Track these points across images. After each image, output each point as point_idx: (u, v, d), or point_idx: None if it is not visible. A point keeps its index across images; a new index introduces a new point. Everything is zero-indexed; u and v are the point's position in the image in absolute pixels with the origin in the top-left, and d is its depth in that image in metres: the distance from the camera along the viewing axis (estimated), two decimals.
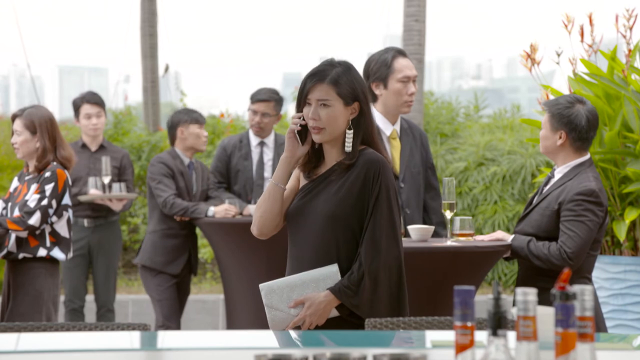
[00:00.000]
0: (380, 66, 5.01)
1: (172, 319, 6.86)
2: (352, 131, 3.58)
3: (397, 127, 5.13)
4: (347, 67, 3.61)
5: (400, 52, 5.08)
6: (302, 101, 3.61)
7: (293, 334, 3.35)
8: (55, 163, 5.60)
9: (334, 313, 3.58)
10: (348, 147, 3.58)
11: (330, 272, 3.54)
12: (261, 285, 3.61)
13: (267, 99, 7.04)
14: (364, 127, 3.60)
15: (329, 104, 3.56)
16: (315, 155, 3.68)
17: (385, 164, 3.57)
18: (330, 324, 3.57)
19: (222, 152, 7.08)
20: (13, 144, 5.66)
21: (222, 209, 6.66)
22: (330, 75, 3.58)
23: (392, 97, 4.99)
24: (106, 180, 7.04)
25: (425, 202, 5.31)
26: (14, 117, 5.70)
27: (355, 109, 3.59)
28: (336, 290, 3.53)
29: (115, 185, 7.07)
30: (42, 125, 5.59)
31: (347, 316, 3.57)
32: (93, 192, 7.02)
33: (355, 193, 3.55)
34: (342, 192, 3.56)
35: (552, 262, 4.47)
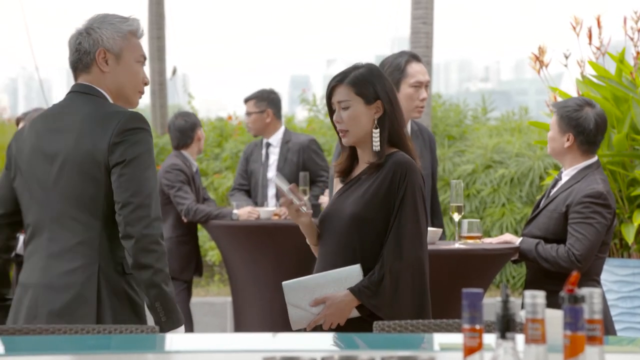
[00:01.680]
0: (393, 70, 4.99)
1: (186, 322, 6.89)
2: (378, 130, 3.60)
3: (407, 129, 5.12)
4: (369, 68, 3.67)
5: (414, 57, 5.06)
6: (329, 107, 3.70)
7: (301, 335, 3.35)
8: None
9: (355, 313, 3.58)
10: (375, 146, 3.61)
11: (353, 272, 3.55)
12: (284, 283, 3.65)
13: (247, 98, 7.18)
14: (388, 126, 3.62)
15: (349, 104, 3.61)
16: (350, 160, 3.73)
17: (413, 166, 3.58)
18: (351, 325, 3.58)
19: (242, 155, 7.27)
20: None
21: (245, 212, 6.68)
22: (350, 77, 3.63)
23: (403, 101, 4.96)
24: None
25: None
26: (17, 121, 5.73)
27: (379, 108, 3.62)
28: (355, 290, 3.55)
29: None
30: None
31: (368, 317, 3.56)
32: None
33: (381, 195, 3.58)
34: (368, 193, 3.59)
35: (560, 265, 4.46)
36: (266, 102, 7.13)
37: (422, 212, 3.58)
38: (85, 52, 3.40)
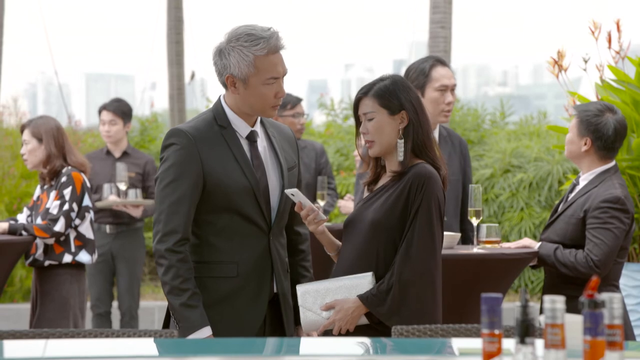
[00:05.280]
0: (418, 75, 5.00)
1: None
2: (402, 141, 3.62)
3: (436, 134, 5.10)
4: (393, 80, 3.68)
5: (439, 61, 5.06)
6: (356, 120, 3.73)
7: (319, 340, 3.35)
8: (69, 167, 5.65)
9: (363, 320, 3.60)
10: (400, 156, 3.62)
11: (365, 280, 3.58)
12: (298, 286, 3.70)
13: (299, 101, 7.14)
14: (413, 136, 3.64)
15: (373, 116, 3.65)
16: (376, 170, 3.76)
17: (432, 177, 3.59)
18: (360, 331, 3.59)
19: None
20: (22, 155, 5.72)
21: None
22: (374, 89, 3.67)
23: (429, 106, 4.95)
24: (122, 186, 7.05)
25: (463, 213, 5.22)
26: (22, 128, 5.76)
27: (403, 118, 3.64)
28: (364, 297, 3.57)
29: (131, 192, 7.09)
30: (48, 132, 5.66)
31: (376, 324, 3.59)
32: (110, 198, 7.05)
33: (400, 204, 3.60)
34: (389, 202, 3.62)
35: (578, 270, 4.44)
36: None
37: (437, 224, 3.60)
38: (219, 72, 3.60)
